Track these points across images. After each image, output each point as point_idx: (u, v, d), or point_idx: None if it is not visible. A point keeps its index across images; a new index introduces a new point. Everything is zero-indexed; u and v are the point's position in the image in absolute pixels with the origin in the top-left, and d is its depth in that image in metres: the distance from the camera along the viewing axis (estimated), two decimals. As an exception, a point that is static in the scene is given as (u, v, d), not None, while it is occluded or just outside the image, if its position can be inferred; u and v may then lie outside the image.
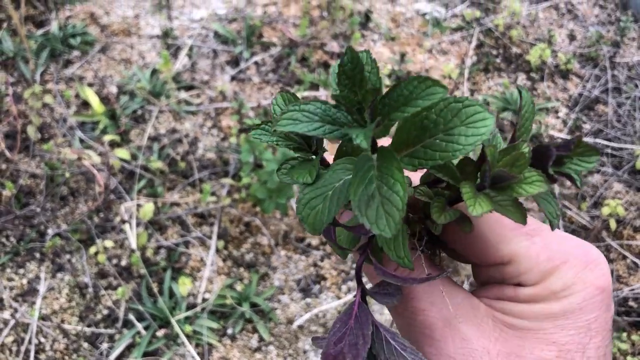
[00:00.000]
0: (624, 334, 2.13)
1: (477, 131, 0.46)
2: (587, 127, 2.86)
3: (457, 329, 0.53)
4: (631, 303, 2.24)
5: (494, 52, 3.20)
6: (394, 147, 0.48)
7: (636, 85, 3.02)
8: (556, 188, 2.56)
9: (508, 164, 0.48)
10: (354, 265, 2.30)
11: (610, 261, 2.35)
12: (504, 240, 0.55)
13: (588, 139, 2.76)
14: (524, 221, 0.48)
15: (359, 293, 0.53)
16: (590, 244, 0.56)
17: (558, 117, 2.90)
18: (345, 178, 0.51)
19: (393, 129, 0.50)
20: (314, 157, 0.59)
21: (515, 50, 3.20)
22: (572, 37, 3.32)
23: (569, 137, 2.78)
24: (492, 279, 0.58)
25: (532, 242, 0.55)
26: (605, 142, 2.77)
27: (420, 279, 0.51)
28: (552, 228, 0.51)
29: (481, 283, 0.60)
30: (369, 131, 0.44)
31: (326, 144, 0.60)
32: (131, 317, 2.11)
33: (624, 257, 2.36)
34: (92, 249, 2.22)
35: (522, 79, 3.07)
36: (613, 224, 2.37)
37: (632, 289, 2.26)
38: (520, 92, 0.51)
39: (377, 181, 0.44)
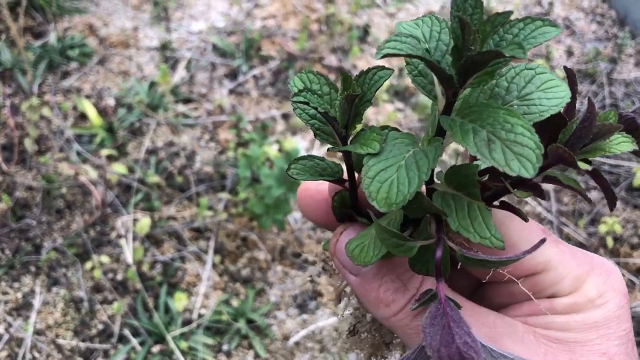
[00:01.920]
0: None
1: (557, 95, 0.47)
2: (584, 143, 2.87)
3: (504, 347, 0.51)
4: (628, 321, 2.24)
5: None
6: (462, 116, 0.46)
7: (633, 102, 3.03)
8: (553, 205, 2.56)
9: (601, 120, 0.48)
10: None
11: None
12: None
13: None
14: (587, 196, 0.48)
15: (442, 290, 0.48)
16: (601, 257, 0.56)
17: (555, 133, 2.91)
18: (414, 149, 0.48)
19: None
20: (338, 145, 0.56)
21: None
22: (569, 53, 3.34)
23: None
24: (514, 297, 0.56)
25: (560, 250, 0.54)
26: (602, 159, 2.77)
27: (521, 253, 0.46)
28: (612, 206, 0.50)
29: (497, 306, 0.58)
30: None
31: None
32: (126, 332, 2.09)
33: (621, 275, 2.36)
34: (88, 264, 2.20)
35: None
36: (610, 242, 2.37)
37: (631, 307, 2.25)
38: (567, 70, 0.50)
39: (486, 129, 0.42)
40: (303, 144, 2.71)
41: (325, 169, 0.58)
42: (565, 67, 0.51)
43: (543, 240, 0.46)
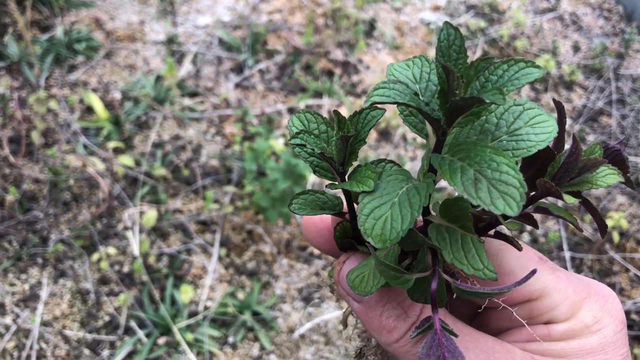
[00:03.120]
0: (627, 348, 2.12)
1: (544, 130, 0.48)
2: (590, 138, 2.86)
3: None
4: (634, 316, 2.24)
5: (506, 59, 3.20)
6: (452, 154, 0.48)
7: (640, 97, 3.03)
8: (558, 201, 2.55)
9: (586, 155, 0.49)
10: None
11: (613, 274, 2.35)
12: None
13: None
14: (579, 225, 0.49)
15: (438, 321, 0.50)
16: (598, 282, 0.57)
17: (562, 128, 2.90)
18: (407, 186, 0.49)
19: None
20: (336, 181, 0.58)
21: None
22: (576, 49, 3.33)
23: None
24: (514, 322, 0.56)
25: (557, 276, 0.54)
26: (609, 154, 2.77)
27: (511, 284, 0.47)
28: (603, 233, 0.51)
29: (495, 331, 0.58)
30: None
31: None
32: (133, 324, 2.11)
33: (627, 270, 2.36)
34: (95, 255, 2.21)
35: (526, 89, 3.07)
36: (616, 237, 2.36)
37: (635, 302, 2.25)
38: (557, 104, 0.52)
39: (473, 168, 0.44)
40: (309, 138, 2.71)
41: (325, 202, 0.60)
42: (554, 100, 0.52)
43: (534, 272, 0.47)
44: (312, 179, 2.53)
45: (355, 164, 0.57)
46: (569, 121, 2.94)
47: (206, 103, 2.84)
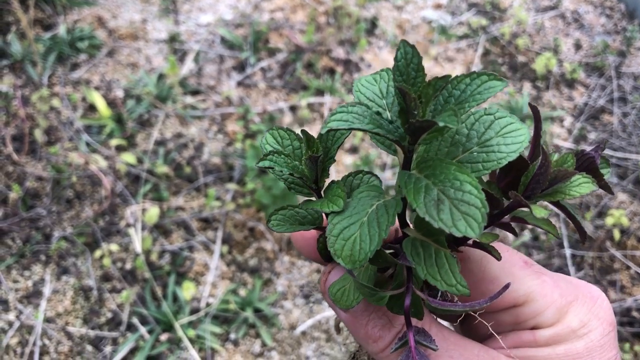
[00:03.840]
0: (627, 345, 2.12)
1: (516, 139, 0.47)
2: (592, 136, 2.86)
3: None
4: (634, 314, 2.24)
5: (500, 60, 3.20)
6: (419, 170, 0.47)
7: (641, 95, 3.03)
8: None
9: (557, 166, 0.49)
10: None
11: (614, 271, 2.35)
12: (517, 280, 0.54)
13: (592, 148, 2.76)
14: (557, 234, 0.49)
15: (412, 338, 0.50)
16: (588, 283, 0.56)
17: (563, 126, 2.90)
18: (377, 203, 0.49)
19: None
20: (314, 195, 0.58)
21: (521, 58, 3.20)
22: (578, 46, 3.33)
23: (573, 146, 2.79)
24: (500, 327, 0.56)
25: (542, 281, 0.54)
26: (610, 152, 2.77)
27: (484, 300, 0.47)
28: (583, 240, 0.51)
29: (483, 336, 0.58)
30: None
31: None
32: (135, 320, 2.12)
33: (628, 268, 2.36)
34: (97, 253, 2.23)
35: (527, 87, 3.08)
36: (617, 234, 2.36)
37: (636, 300, 2.25)
38: (532, 107, 0.51)
39: (437, 187, 0.43)
40: (310, 135, 2.72)
41: (305, 217, 0.59)
42: (530, 104, 0.51)
43: (507, 286, 0.47)
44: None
45: (327, 180, 0.57)
46: (570, 119, 2.94)
47: (208, 101, 2.85)
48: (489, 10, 3.48)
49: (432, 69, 3.09)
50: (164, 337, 2.07)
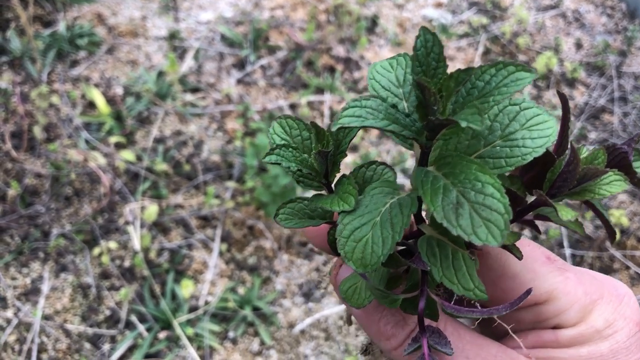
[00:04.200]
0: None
1: (542, 133, 0.44)
2: (592, 136, 2.86)
3: None
4: (634, 314, 2.23)
5: (501, 59, 3.19)
6: (437, 167, 0.43)
7: (642, 95, 3.02)
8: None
9: (587, 163, 0.45)
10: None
11: (613, 271, 2.35)
12: (539, 277, 0.50)
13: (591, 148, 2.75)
14: (584, 233, 0.46)
15: (426, 344, 0.47)
16: (614, 278, 0.53)
17: (563, 126, 2.89)
18: (391, 201, 0.45)
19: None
20: (324, 189, 0.55)
21: (521, 57, 3.20)
22: (578, 46, 3.32)
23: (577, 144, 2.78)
24: (520, 325, 0.53)
25: (565, 277, 0.51)
26: (610, 152, 2.76)
27: (504, 307, 0.45)
28: (612, 240, 0.48)
29: (502, 334, 0.55)
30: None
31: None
32: (133, 318, 2.11)
33: (627, 268, 2.36)
34: (96, 250, 2.22)
35: (528, 86, 3.07)
36: (617, 234, 2.36)
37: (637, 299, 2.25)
38: (561, 96, 0.47)
39: (456, 188, 0.40)
40: (310, 134, 2.72)
41: (314, 210, 0.57)
42: (558, 92, 0.48)
43: (529, 291, 0.45)
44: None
45: (338, 175, 0.54)
46: (571, 118, 2.93)
47: (208, 99, 2.84)
48: (489, 9, 3.47)
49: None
50: (162, 335, 2.06)
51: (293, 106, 2.83)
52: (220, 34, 3.16)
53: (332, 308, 2.20)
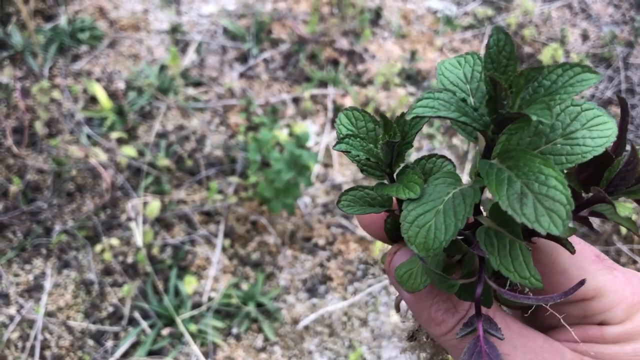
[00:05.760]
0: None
1: (602, 133, 0.46)
2: (599, 128, 2.82)
3: None
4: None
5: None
6: (501, 160, 0.46)
7: (650, 87, 2.98)
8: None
9: None
10: (361, 266, 2.29)
11: (620, 265, 2.32)
12: (588, 273, 0.52)
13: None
14: (637, 231, 0.48)
15: (481, 327, 0.50)
16: None
17: (570, 118, 2.86)
18: (454, 191, 0.48)
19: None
20: (386, 179, 0.57)
21: (527, 49, 3.16)
22: (585, 37, 3.28)
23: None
24: (567, 319, 0.54)
25: (614, 276, 0.52)
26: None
27: (558, 295, 0.47)
28: None
29: (547, 327, 0.56)
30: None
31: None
32: (136, 315, 2.10)
33: (634, 262, 2.33)
34: (98, 246, 2.21)
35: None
36: (624, 229, 2.33)
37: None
38: (620, 99, 0.49)
39: (520, 179, 0.42)
40: (313, 128, 2.70)
41: (375, 198, 0.60)
42: (618, 96, 0.50)
43: (582, 282, 0.46)
44: (316, 170, 2.51)
45: (402, 165, 0.57)
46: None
47: (210, 93, 2.82)
48: (495, 0, 3.43)
49: (438, 60, 3.05)
50: (165, 331, 2.05)
51: (296, 100, 2.81)
52: (222, 27, 3.13)
53: (336, 304, 2.19)
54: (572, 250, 0.50)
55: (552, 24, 3.34)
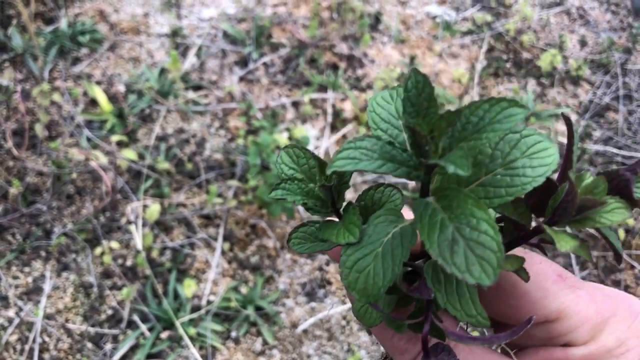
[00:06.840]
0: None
1: (543, 161, 0.44)
2: (597, 134, 2.84)
3: None
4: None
5: (505, 56, 3.18)
6: (437, 199, 0.44)
7: (647, 93, 3.00)
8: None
9: (587, 192, 0.45)
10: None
11: (618, 271, 2.33)
12: (550, 294, 0.50)
13: (598, 147, 2.74)
14: (590, 258, 0.46)
15: None
16: (629, 294, 0.52)
17: (568, 124, 2.87)
18: (394, 231, 0.46)
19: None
20: (334, 216, 0.56)
21: (525, 55, 3.18)
22: (583, 43, 3.30)
23: (583, 145, 2.76)
24: (533, 340, 0.53)
25: (577, 295, 0.50)
26: (615, 150, 2.75)
27: (504, 335, 0.45)
28: (619, 262, 0.47)
29: (517, 346, 0.55)
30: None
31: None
32: (135, 318, 2.10)
33: (632, 267, 2.34)
34: (98, 249, 2.21)
35: (532, 84, 3.05)
36: (622, 234, 2.34)
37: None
38: (566, 119, 0.47)
39: (453, 223, 0.40)
40: (313, 132, 2.70)
41: None
42: (562, 114, 0.47)
43: (529, 320, 0.44)
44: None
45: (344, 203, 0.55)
46: (575, 116, 2.91)
47: (210, 96, 2.82)
48: (493, 6, 3.45)
49: (436, 65, 3.07)
50: (164, 334, 2.05)
51: (296, 104, 2.82)
52: (222, 31, 3.14)
53: (335, 308, 2.19)
54: (525, 279, 0.48)
55: (551, 30, 3.35)
